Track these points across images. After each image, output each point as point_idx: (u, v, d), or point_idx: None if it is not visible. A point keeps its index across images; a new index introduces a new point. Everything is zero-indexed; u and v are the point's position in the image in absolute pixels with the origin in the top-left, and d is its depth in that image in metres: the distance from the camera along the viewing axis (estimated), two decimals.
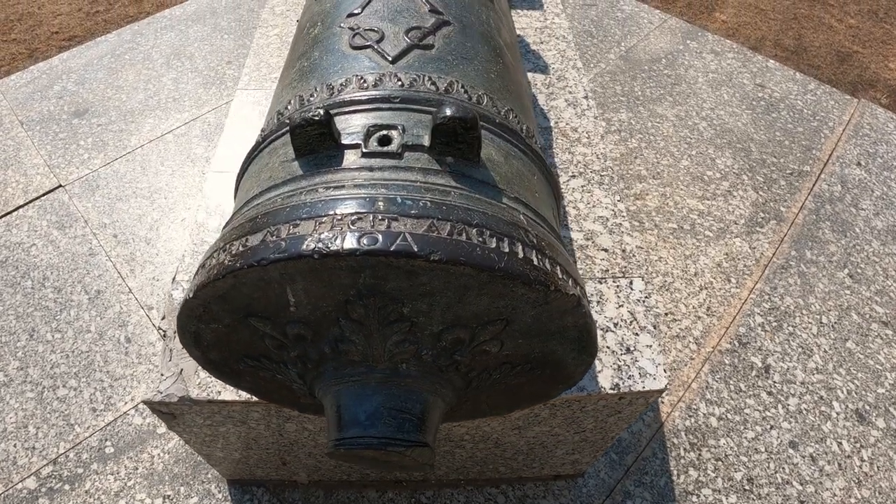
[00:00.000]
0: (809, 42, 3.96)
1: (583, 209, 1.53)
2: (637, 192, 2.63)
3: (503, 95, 1.03)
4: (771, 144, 2.95)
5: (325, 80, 0.98)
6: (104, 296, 2.28)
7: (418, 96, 0.89)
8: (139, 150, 2.74)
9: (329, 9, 1.19)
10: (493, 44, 1.13)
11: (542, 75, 1.84)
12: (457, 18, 1.11)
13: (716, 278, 2.41)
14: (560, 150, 1.64)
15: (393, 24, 1.05)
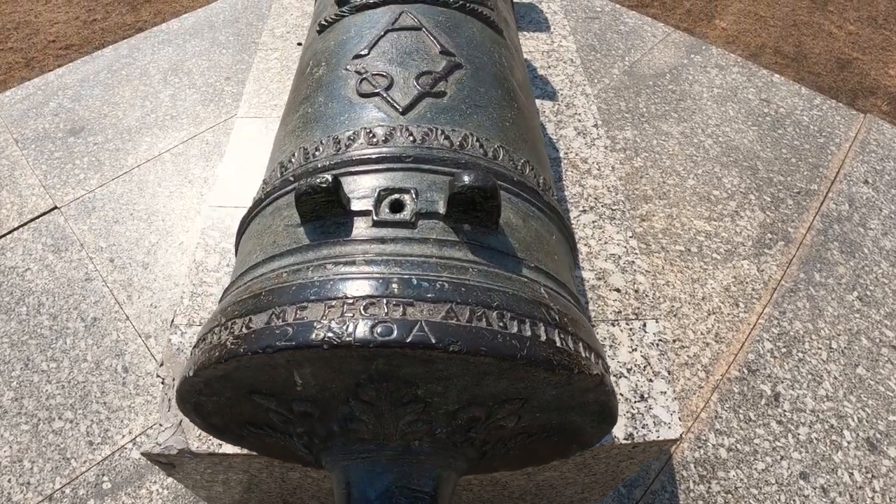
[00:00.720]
0: (809, 49, 3.94)
1: (594, 246, 1.49)
2: (643, 213, 2.59)
3: (519, 146, 0.98)
4: (778, 162, 2.91)
5: (332, 132, 0.93)
6: (101, 323, 2.23)
7: (432, 155, 0.84)
8: (136, 170, 2.69)
9: (334, 47, 1.14)
10: (507, 86, 1.09)
11: (551, 102, 1.80)
12: (469, 60, 1.06)
13: (724, 303, 2.37)
14: (570, 183, 1.59)
15: (403, 69, 1.00)
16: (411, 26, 1.08)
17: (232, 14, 3.55)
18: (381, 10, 1.16)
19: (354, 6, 1.19)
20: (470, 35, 1.13)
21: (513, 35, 1.35)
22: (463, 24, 1.15)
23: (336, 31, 1.18)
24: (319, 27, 1.22)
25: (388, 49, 1.05)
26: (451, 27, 1.12)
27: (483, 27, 1.19)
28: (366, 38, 1.09)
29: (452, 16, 1.16)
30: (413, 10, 1.14)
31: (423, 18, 1.12)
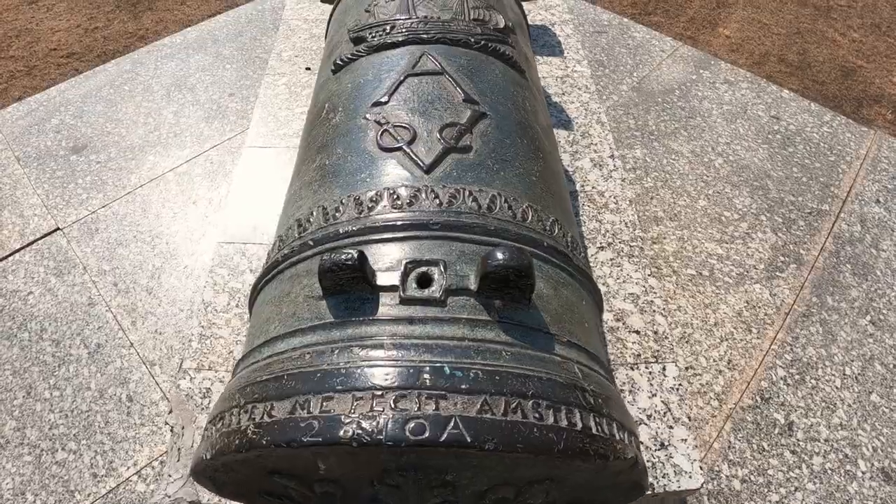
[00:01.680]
0: (813, 57, 3.92)
1: (612, 286, 1.46)
2: (654, 235, 2.56)
3: (546, 201, 0.95)
4: (789, 182, 2.88)
5: (353, 190, 0.90)
6: (104, 350, 2.20)
7: (460, 221, 0.81)
8: (139, 189, 2.66)
9: (351, 91, 1.11)
10: (531, 134, 1.06)
11: (566, 131, 1.77)
12: (493, 108, 1.03)
13: (736, 328, 2.34)
14: (587, 218, 1.56)
15: (425, 120, 0.97)
16: (432, 70, 1.05)
17: (235, 28, 3.51)
18: (400, 52, 1.12)
19: (372, 46, 1.16)
20: (493, 79, 1.10)
21: (534, 73, 1.32)
22: (485, 66, 1.12)
23: (353, 72, 1.15)
24: (335, 66, 1.19)
25: (409, 96, 1.01)
26: (474, 70, 1.09)
27: (505, 69, 1.16)
28: (385, 83, 1.06)
29: (474, 58, 1.12)
30: (434, 51, 1.11)
31: (445, 62, 1.08)
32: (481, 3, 1.30)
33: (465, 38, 1.14)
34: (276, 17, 3.41)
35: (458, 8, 1.24)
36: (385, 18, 1.22)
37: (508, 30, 1.28)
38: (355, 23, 1.28)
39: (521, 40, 1.36)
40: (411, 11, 1.21)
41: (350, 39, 1.23)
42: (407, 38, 1.12)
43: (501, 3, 1.39)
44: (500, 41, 1.21)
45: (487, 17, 1.26)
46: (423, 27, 1.15)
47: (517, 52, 1.25)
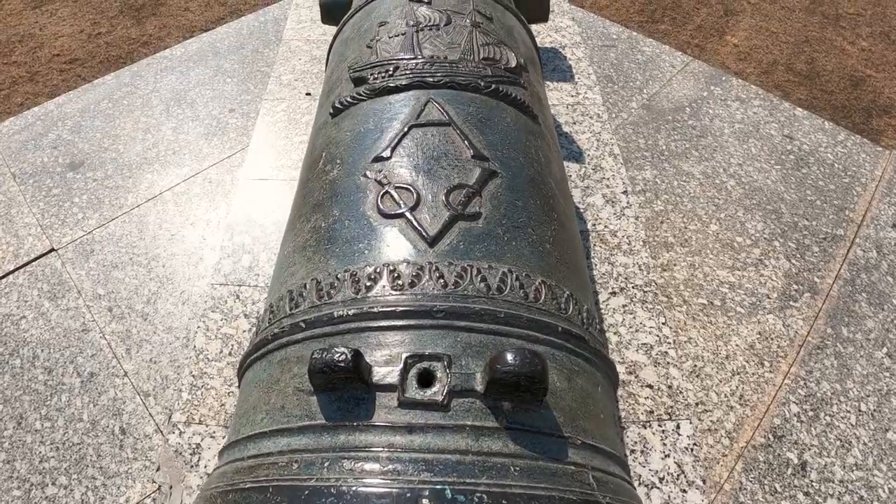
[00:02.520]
0: (822, 66, 3.86)
1: (624, 335, 1.39)
2: (664, 262, 2.49)
3: (561, 273, 0.88)
4: (802, 205, 2.80)
5: (349, 264, 0.83)
6: (97, 379, 2.14)
7: (466, 308, 0.74)
8: (136, 209, 2.60)
9: (350, 141, 1.03)
10: (545, 191, 0.98)
11: (577, 164, 1.69)
12: (504, 163, 0.96)
13: (749, 361, 2.26)
14: (598, 260, 1.49)
15: (430, 180, 0.89)
16: (438, 121, 0.98)
17: (237, 40, 3.45)
18: (404, 97, 1.05)
19: (374, 89, 1.09)
20: (504, 128, 1.03)
21: (547, 116, 1.24)
22: (495, 114, 1.05)
23: (352, 118, 1.08)
24: (333, 109, 1.12)
25: (413, 151, 0.94)
26: (483, 120, 1.02)
27: (517, 115, 1.08)
28: (387, 135, 0.99)
29: (484, 104, 1.05)
30: (440, 97, 1.03)
31: (452, 110, 1.01)
32: (492, 38, 1.23)
33: (474, 82, 1.06)
34: (278, 28, 3.34)
35: (466, 46, 1.17)
36: (388, 57, 1.15)
37: (520, 68, 1.20)
38: (356, 59, 1.21)
39: (534, 78, 1.29)
40: (416, 50, 1.14)
41: (350, 78, 1.16)
42: (411, 81, 1.05)
43: (513, 38, 1.32)
44: (512, 82, 1.13)
45: (498, 55, 1.19)
46: (429, 69, 1.08)
47: (530, 93, 1.18)
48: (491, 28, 1.27)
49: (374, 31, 1.26)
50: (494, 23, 1.30)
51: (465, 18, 1.25)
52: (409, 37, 1.18)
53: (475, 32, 1.21)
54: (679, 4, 4.58)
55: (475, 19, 1.26)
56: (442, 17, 1.24)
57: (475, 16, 1.28)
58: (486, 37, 1.22)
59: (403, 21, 1.23)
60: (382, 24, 1.27)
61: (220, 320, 1.39)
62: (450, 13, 1.26)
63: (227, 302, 1.41)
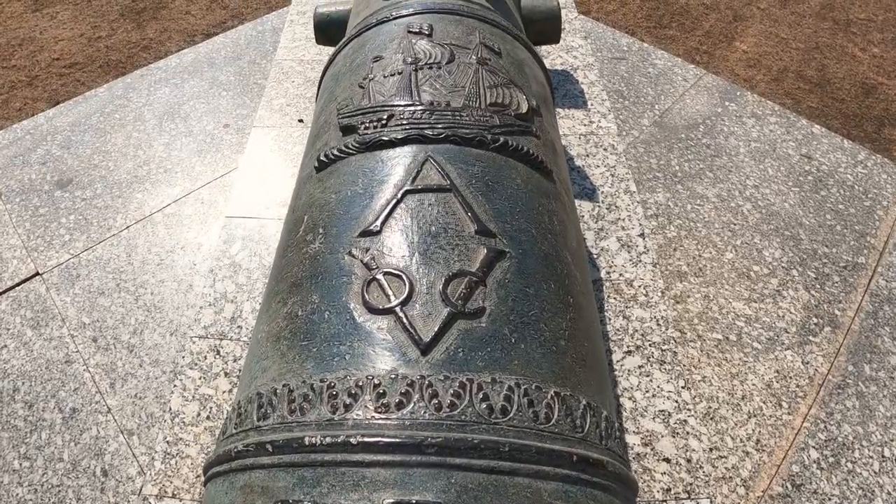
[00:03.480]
0: (833, 73, 3.75)
1: (640, 400, 1.27)
2: (678, 293, 2.36)
3: (577, 376, 0.76)
4: (822, 230, 2.68)
5: (327, 371, 0.71)
6: (80, 415, 2.04)
7: (464, 440, 0.62)
8: (125, 231, 2.49)
9: (335, 205, 0.91)
10: (560, 269, 0.86)
11: (590, 203, 1.57)
12: (513, 239, 0.83)
13: (766, 402, 2.14)
14: (612, 314, 1.37)
15: (426, 265, 0.77)
16: (437, 186, 0.85)
17: (234, 50, 3.33)
18: (399, 153, 0.93)
19: (364, 142, 0.96)
20: (513, 192, 0.90)
21: (562, 167, 1.11)
22: (504, 174, 0.92)
23: (338, 175, 0.95)
24: (318, 163, 1.00)
25: (406, 224, 0.82)
26: (490, 183, 0.89)
27: (529, 173, 0.95)
28: (377, 201, 0.86)
29: (491, 162, 0.92)
30: (440, 155, 0.91)
31: (454, 171, 0.88)
32: (500, 78, 1.11)
33: (480, 135, 0.94)
34: (276, 39, 3.23)
35: (471, 89, 1.04)
36: (381, 101, 1.03)
37: (532, 112, 1.08)
38: (346, 100, 1.09)
39: (547, 121, 1.16)
40: (414, 93, 1.02)
41: (339, 125, 1.04)
42: (407, 134, 0.93)
43: (524, 75, 1.19)
44: (523, 131, 1.01)
45: (507, 98, 1.06)
46: (428, 118, 0.96)
47: (542, 142, 1.05)
48: (499, 65, 1.14)
49: (367, 68, 1.14)
50: (503, 58, 1.18)
51: (471, 54, 1.13)
52: (406, 77, 1.06)
53: (481, 71, 1.09)
54: (687, 10, 4.47)
55: (481, 55, 1.14)
56: (444, 53, 1.12)
57: (481, 50, 1.15)
58: (493, 76, 1.09)
59: (400, 57, 1.11)
60: (377, 59, 1.15)
61: (198, 379, 1.28)
62: (453, 48, 1.14)
63: (207, 358, 1.29)
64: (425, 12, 1.23)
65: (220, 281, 1.41)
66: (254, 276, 1.42)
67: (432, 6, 1.24)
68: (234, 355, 1.28)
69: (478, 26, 1.22)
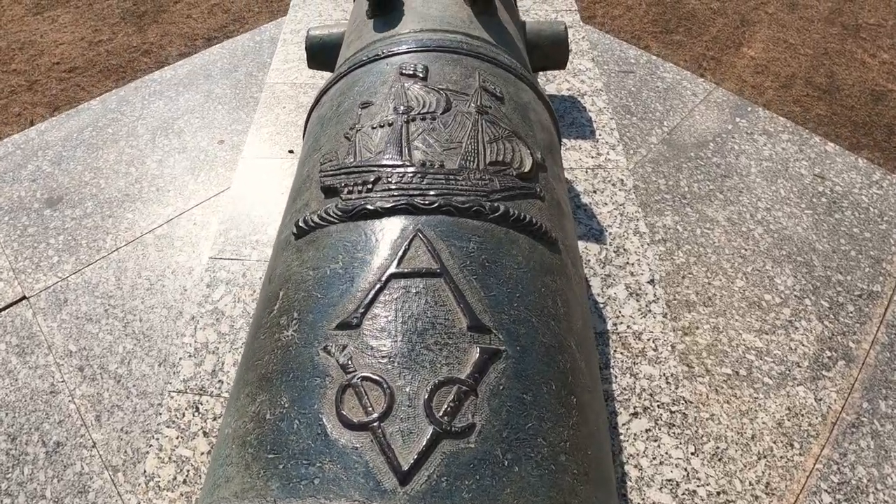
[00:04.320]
0: (842, 80, 3.67)
1: (646, 468, 1.18)
2: (686, 324, 2.28)
3: (578, 498, 0.67)
4: (836, 256, 2.58)
5: (292, 494, 0.62)
6: (64, 450, 1.97)
7: None
8: (114, 253, 2.42)
9: (311, 285, 0.80)
10: (563, 364, 0.76)
11: (596, 245, 1.48)
12: (511, 334, 0.73)
13: (776, 442, 2.05)
14: (619, 371, 1.29)
15: (410, 371, 0.67)
16: (427, 270, 0.76)
17: (231, 62, 3.25)
18: (385, 225, 0.83)
19: (346, 210, 0.87)
20: (513, 273, 0.80)
21: (568, 230, 1.00)
22: (503, 250, 0.82)
23: (317, 247, 0.86)
24: (297, 229, 0.91)
25: (390, 319, 0.72)
26: (486, 263, 0.79)
27: (532, 246, 0.85)
28: (358, 284, 0.77)
29: (489, 237, 0.83)
30: (431, 229, 0.81)
31: (446, 250, 0.79)
32: (502, 130, 1.01)
33: (477, 205, 0.85)
34: (274, 49, 3.14)
35: (469, 145, 0.95)
36: (368, 158, 0.94)
37: (537, 167, 0.98)
38: (330, 153, 1.00)
39: (553, 174, 1.06)
40: (404, 151, 0.93)
41: (320, 183, 0.95)
42: (395, 203, 0.84)
43: (528, 121, 1.09)
44: (526, 195, 0.91)
45: (509, 155, 0.96)
46: (419, 183, 0.87)
47: (548, 203, 0.95)
48: (501, 113, 1.05)
49: (354, 115, 1.05)
50: (505, 104, 1.08)
51: (469, 101, 1.04)
52: (396, 130, 0.97)
53: (481, 123, 0.99)
54: (694, 14, 4.39)
55: (481, 102, 1.04)
56: (440, 101, 1.03)
57: (481, 96, 1.06)
58: (494, 128, 1.00)
59: (391, 105, 1.02)
60: (366, 105, 1.06)
61: (175, 438, 1.20)
62: (450, 94, 1.04)
63: (185, 415, 1.22)
64: (420, 50, 1.14)
65: (202, 329, 1.33)
66: (237, 324, 1.34)
67: (428, 43, 1.15)
68: (213, 412, 1.20)
69: (478, 66, 1.13)
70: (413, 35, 1.21)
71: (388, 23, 1.32)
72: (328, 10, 2.46)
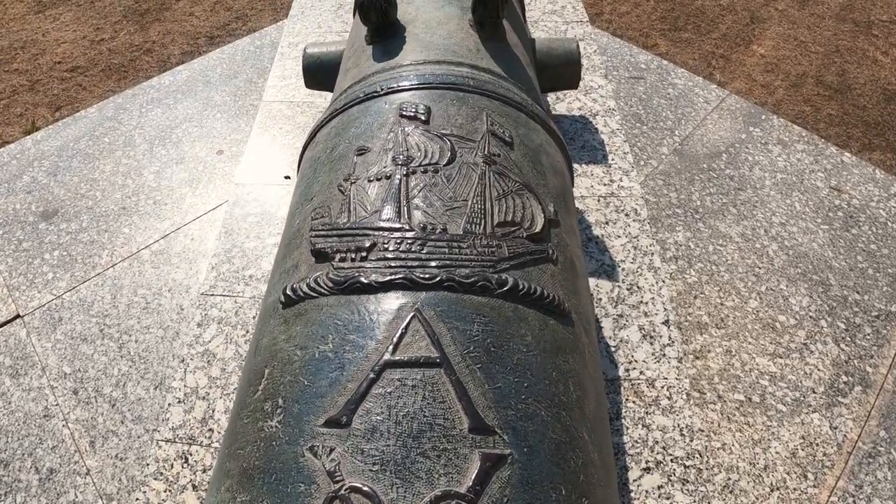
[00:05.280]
0: (853, 79, 3.61)
1: None
2: (697, 348, 2.20)
3: None
4: (853, 274, 2.50)
5: None
6: (57, 477, 1.92)
7: None
8: (110, 270, 2.36)
9: (298, 369, 0.71)
10: (575, 462, 0.67)
11: (608, 282, 1.41)
12: (518, 434, 0.64)
13: (790, 473, 1.99)
14: (630, 422, 1.22)
15: (403, 481, 0.59)
16: (425, 359, 0.69)
17: (230, 67, 3.17)
18: (379, 303, 0.75)
19: (338, 283, 0.79)
20: (521, 359, 0.71)
21: (582, 297, 0.91)
22: (511, 330, 0.74)
23: (306, 322, 0.78)
24: (285, 298, 0.84)
25: (382, 417, 0.65)
26: (492, 349, 0.71)
27: (542, 322, 0.77)
28: (350, 373, 0.69)
29: (495, 315, 0.74)
30: (431, 309, 0.72)
31: (448, 335, 0.70)
32: (511, 183, 0.91)
33: (482, 279, 0.76)
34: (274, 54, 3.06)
35: (475, 205, 0.86)
36: (363, 218, 0.86)
37: (549, 224, 0.90)
38: (323, 207, 0.92)
39: (567, 225, 0.97)
40: (403, 211, 0.85)
41: (311, 245, 0.87)
42: (392, 277, 0.76)
43: (540, 168, 1.00)
44: (537, 260, 0.83)
45: (519, 212, 0.88)
46: (419, 252, 0.79)
47: (561, 265, 0.86)
48: (510, 162, 0.96)
49: (349, 163, 0.97)
50: (515, 149, 1.00)
51: (476, 150, 0.95)
52: (395, 184, 0.89)
53: (488, 175, 0.91)
54: (703, 11, 4.30)
55: (489, 150, 0.96)
56: (444, 150, 0.95)
57: (488, 143, 0.98)
58: (502, 181, 0.91)
59: (389, 155, 0.95)
60: (362, 151, 0.98)
61: (163, 492, 1.15)
62: (454, 141, 0.96)
63: (174, 466, 1.16)
64: (422, 87, 1.06)
65: (192, 373, 1.27)
66: (229, 367, 1.27)
67: (431, 79, 1.07)
68: (203, 464, 1.14)
69: (485, 106, 1.05)
70: (414, 68, 1.13)
71: (387, 51, 1.24)
72: (328, 21, 2.38)
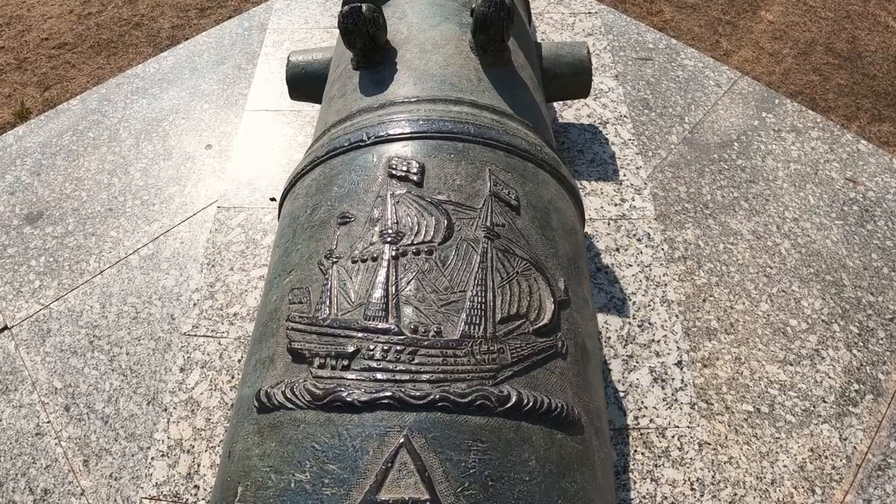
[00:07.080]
0: (864, 46, 3.52)
1: None
2: (705, 355, 2.14)
3: None
4: (867, 274, 2.41)
5: None
6: (52, 497, 1.89)
7: None
8: (98, 277, 2.28)
9: (272, 498, 0.66)
10: None
11: (618, 318, 1.33)
12: None
13: (798, 488, 1.95)
14: (638, 475, 1.16)
15: None
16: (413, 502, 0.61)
17: (218, 53, 3.01)
18: (362, 425, 0.66)
19: (318, 397, 0.68)
20: (523, 488, 0.62)
21: (593, 381, 0.82)
22: (513, 456, 0.64)
23: (281, 439, 0.67)
24: (259, 403, 0.74)
25: None
26: (490, 483, 0.61)
27: (549, 439, 0.68)
28: None
29: (495, 440, 0.65)
30: (421, 436, 0.64)
31: (440, 468, 0.62)
32: (518, 262, 0.78)
33: (481, 397, 0.66)
34: (263, 38, 2.90)
35: (475, 297, 0.75)
36: (345, 311, 0.73)
37: (559, 306, 0.80)
38: (301, 286, 0.81)
39: (577, 297, 0.84)
40: (391, 308, 0.73)
41: (288, 343, 0.77)
42: (378, 395, 0.67)
43: (550, 234, 0.87)
44: (545, 359, 0.73)
45: (526, 300, 0.76)
46: (408, 364, 0.68)
47: (571, 358, 0.77)
48: (516, 230, 0.85)
49: (331, 233, 0.86)
50: (522, 213, 0.88)
51: (475, 222, 0.84)
52: (381, 270, 0.78)
53: (491, 256, 0.80)
54: None
55: (491, 220, 0.85)
56: (439, 223, 0.83)
57: (491, 210, 0.86)
58: (507, 261, 0.80)
59: (376, 229, 0.83)
60: (345, 220, 0.86)
61: None
62: (451, 211, 0.84)
63: None
64: (415, 137, 0.95)
65: (175, 423, 1.21)
66: (214, 417, 1.21)
67: (425, 127, 0.95)
68: None
69: (488, 160, 0.93)
70: (406, 109, 1.01)
71: (376, 81, 1.12)
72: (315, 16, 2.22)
